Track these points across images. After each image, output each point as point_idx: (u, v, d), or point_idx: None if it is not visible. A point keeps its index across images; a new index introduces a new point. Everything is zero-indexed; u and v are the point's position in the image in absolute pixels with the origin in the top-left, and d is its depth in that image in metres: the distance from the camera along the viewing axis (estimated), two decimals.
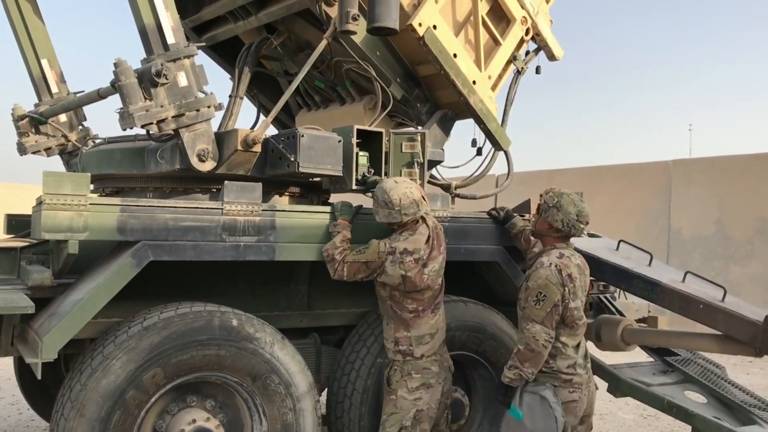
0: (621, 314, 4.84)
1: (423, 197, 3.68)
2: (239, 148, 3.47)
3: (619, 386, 4.42)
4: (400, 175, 3.91)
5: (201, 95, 3.43)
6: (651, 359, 4.94)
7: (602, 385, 4.30)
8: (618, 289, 4.91)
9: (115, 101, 3.39)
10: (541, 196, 3.79)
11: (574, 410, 3.53)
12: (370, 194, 4.31)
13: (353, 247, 3.53)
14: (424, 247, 3.53)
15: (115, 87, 3.31)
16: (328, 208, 3.63)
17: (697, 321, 4.08)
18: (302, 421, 3.43)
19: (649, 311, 5.17)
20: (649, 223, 11.34)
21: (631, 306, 5.10)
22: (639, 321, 4.79)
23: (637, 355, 5.11)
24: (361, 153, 3.76)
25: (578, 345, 3.62)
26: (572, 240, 3.81)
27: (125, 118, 3.25)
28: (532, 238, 4.02)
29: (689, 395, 4.49)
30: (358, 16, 3.50)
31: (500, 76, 4.74)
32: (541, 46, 4.94)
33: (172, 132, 3.41)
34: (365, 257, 3.47)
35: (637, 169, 11.96)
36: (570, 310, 3.52)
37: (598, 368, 4.38)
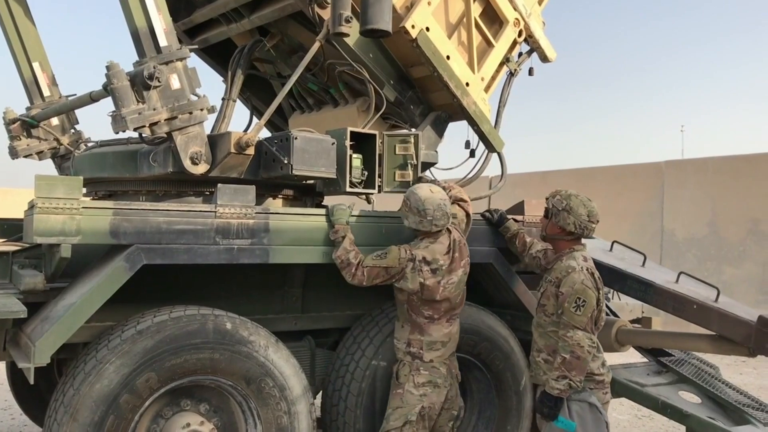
0: (615, 315, 4.85)
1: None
2: (232, 150, 3.46)
3: (613, 387, 4.39)
4: (393, 178, 3.92)
5: (194, 98, 3.42)
6: (645, 360, 4.96)
7: None
8: (612, 290, 4.93)
9: (107, 104, 3.39)
10: (547, 199, 3.74)
11: (607, 411, 3.52)
12: (363, 197, 4.32)
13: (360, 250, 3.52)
14: (443, 257, 3.54)
15: (108, 90, 3.30)
16: (322, 211, 3.62)
17: (691, 321, 4.10)
18: (297, 424, 3.42)
19: (643, 312, 5.19)
20: (642, 224, 11.37)
21: (624, 307, 5.11)
22: (633, 322, 4.80)
23: (631, 356, 5.13)
24: (354, 155, 3.76)
25: (598, 345, 3.62)
26: None
27: (118, 121, 3.23)
28: (527, 239, 4.03)
29: (683, 395, 4.50)
30: (351, 18, 3.50)
31: (493, 78, 4.74)
32: (534, 47, 4.95)
33: (165, 135, 3.40)
34: (386, 263, 3.47)
35: (630, 170, 12.00)
36: (601, 312, 3.53)
37: None
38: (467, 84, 4.38)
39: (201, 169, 3.49)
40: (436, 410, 3.61)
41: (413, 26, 4.01)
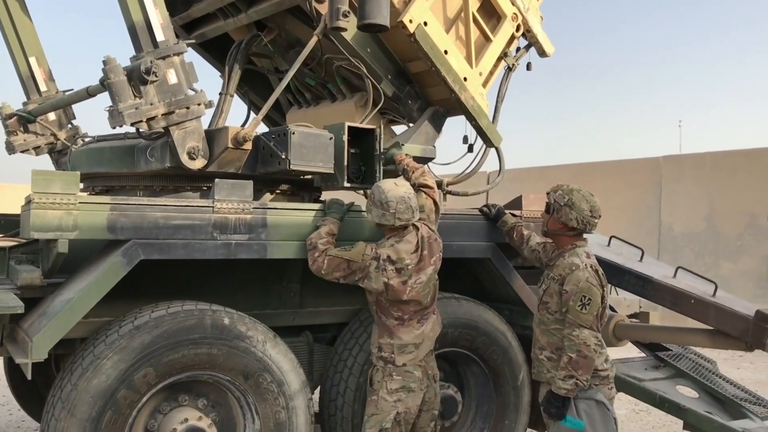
0: (613, 310, 4.85)
1: (436, 204, 3.69)
2: (230, 145, 3.45)
3: None
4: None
5: (191, 93, 3.41)
6: (643, 354, 4.97)
7: None
8: (609, 285, 4.93)
9: (104, 99, 3.38)
10: (548, 194, 3.67)
11: (613, 406, 3.49)
12: (361, 192, 4.31)
13: (340, 244, 3.48)
14: (409, 256, 3.42)
15: (105, 85, 3.29)
16: (319, 206, 3.62)
17: (689, 316, 4.10)
18: (295, 419, 3.42)
19: (641, 307, 5.19)
20: (640, 219, 11.38)
21: (622, 302, 5.11)
22: (630, 316, 4.80)
23: (628, 351, 5.13)
24: (352, 150, 3.75)
25: (602, 341, 3.56)
26: None
27: (115, 116, 3.23)
28: (525, 232, 4.00)
29: (681, 390, 4.51)
30: (348, 12, 3.50)
31: (491, 73, 4.73)
32: (532, 42, 4.94)
33: (162, 130, 3.39)
34: (349, 255, 3.38)
35: (628, 165, 12.01)
36: (605, 309, 3.48)
37: None
38: (465, 79, 4.37)
39: (198, 164, 3.48)
40: (413, 414, 3.51)
41: (411, 21, 4.01)
